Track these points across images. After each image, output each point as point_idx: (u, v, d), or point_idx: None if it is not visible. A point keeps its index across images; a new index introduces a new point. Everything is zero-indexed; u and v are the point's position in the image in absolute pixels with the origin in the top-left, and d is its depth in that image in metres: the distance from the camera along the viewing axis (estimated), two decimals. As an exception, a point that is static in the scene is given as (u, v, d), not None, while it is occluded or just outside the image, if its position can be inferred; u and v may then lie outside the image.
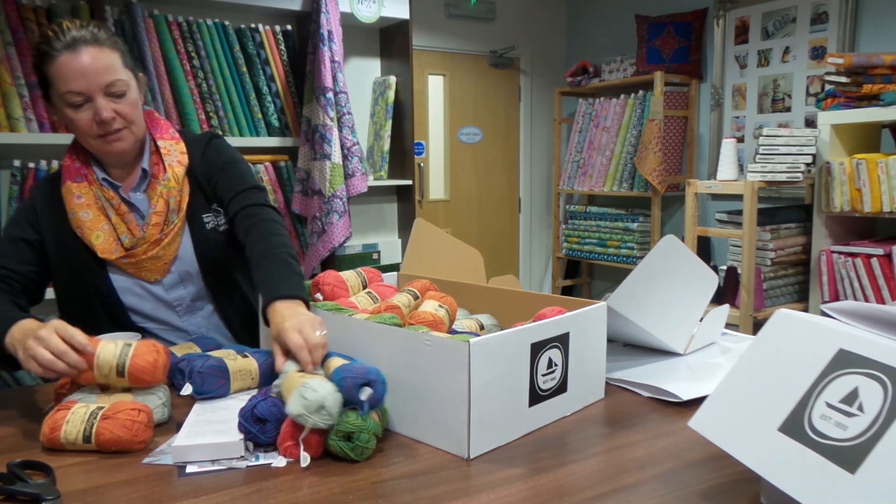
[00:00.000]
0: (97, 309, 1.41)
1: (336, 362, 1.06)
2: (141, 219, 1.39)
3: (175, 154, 1.42)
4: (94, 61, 1.25)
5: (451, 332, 1.26)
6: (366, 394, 0.98)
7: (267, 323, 1.20)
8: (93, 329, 1.17)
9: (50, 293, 1.45)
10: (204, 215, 1.44)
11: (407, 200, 3.53)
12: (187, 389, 1.20)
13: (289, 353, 1.10)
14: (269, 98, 3.03)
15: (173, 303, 1.45)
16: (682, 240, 3.44)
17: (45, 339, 1.06)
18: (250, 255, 1.32)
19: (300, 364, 1.07)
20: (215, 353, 1.28)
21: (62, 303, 1.45)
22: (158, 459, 1.00)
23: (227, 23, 2.93)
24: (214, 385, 1.20)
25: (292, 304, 1.18)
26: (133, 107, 1.33)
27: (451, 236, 1.74)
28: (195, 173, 1.44)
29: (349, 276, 1.40)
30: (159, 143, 1.42)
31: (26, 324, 1.15)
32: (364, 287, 1.41)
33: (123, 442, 1.00)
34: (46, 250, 1.38)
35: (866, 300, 2.83)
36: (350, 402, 0.98)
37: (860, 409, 0.72)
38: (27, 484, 0.89)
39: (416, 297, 1.33)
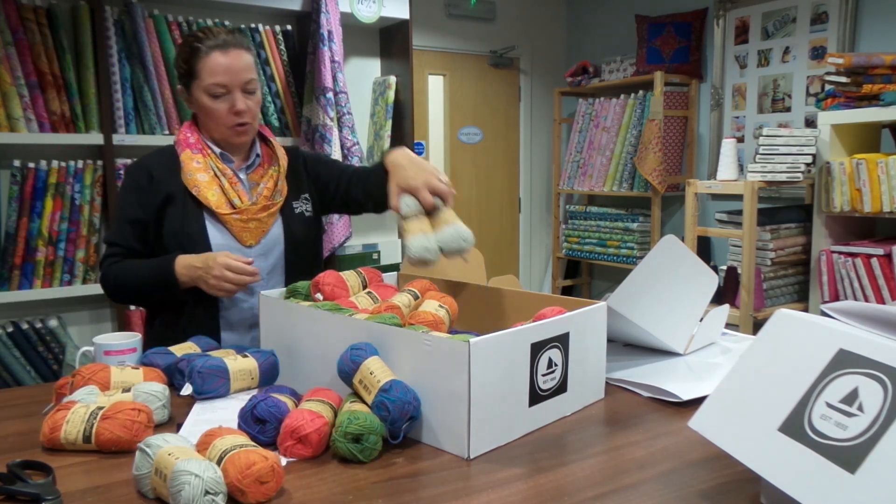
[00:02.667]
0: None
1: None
2: (247, 192, 1.60)
3: (281, 152, 1.69)
4: (238, 60, 1.52)
5: (452, 332, 1.27)
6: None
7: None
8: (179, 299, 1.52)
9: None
10: (294, 202, 1.67)
11: (407, 200, 3.53)
12: (187, 389, 1.20)
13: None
14: (269, 98, 3.03)
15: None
16: (682, 240, 3.44)
17: (218, 267, 1.42)
18: (363, 174, 1.69)
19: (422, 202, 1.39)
20: (215, 353, 1.28)
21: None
22: (158, 459, 0.99)
23: (227, 23, 2.93)
24: (214, 385, 1.21)
25: (403, 152, 1.55)
26: (258, 105, 1.60)
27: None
28: (295, 173, 1.70)
29: (349, 276, 1.40)
30: (269, 139, 1.69)
31: (184, 259, 1.47)
32: (364, 287, 1.41)
33: (123, 442, 1.00)
34: (156, 218, 1.56)
35: (866, 300, 2.83)
36: (391, 431, 1.01)
37: (860, 409, 0.72)
38: (27, 484, 0.89)
39: (416, 297, 1.33)
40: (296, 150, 1.77)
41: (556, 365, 1.11)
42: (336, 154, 2.97)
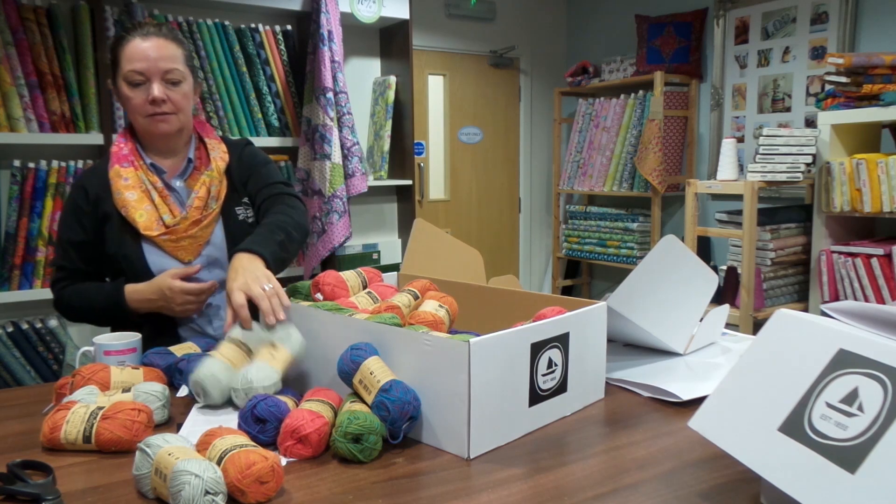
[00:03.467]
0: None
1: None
2: (180, 205, 1.53)
3: (218, 152, 1.59)
4: (160, 50, 1.45)
5: (452, 332, 1.26)
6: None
7: None
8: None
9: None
10: (236, 208, 1.59)
11: (407, 200, 3.53)
12: (184, 391, 1.20)
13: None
14: (269, 98, 3.03)
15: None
16: (682, 240, 3.44)
17: (179, 295, 1.42)
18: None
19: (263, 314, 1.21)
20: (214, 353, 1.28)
21: (103, 279, 1.59)
22: (158, 459, 0.99)
23: (227, 23, 2.93)
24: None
25: (250, 257, 1.31)
26: (184, 98, 1.50)
27: (450, 236, 1.74)
28: (232, 172, 1.60)
29: (349, 276, 1.40)
30: (205, 139, 1.60)
31: (136, 293, 1.46)
32: (364, 287, 1.41)
33: (123, 442, 1.00)
34: (96, 240, 1.52)
35: (866, 300, 2.83)
36: (391, 431, 1.01)
37: (860, 409, 0.72)
38: (27, 484, 0.89)
39: (416, 297, 1.33)
40: (239, 144, 1.66)
41: (556, 365, 1.11)
42: (336, 154, 2.97)
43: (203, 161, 1.58)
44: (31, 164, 2.54)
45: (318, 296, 1.34)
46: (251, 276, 1.25)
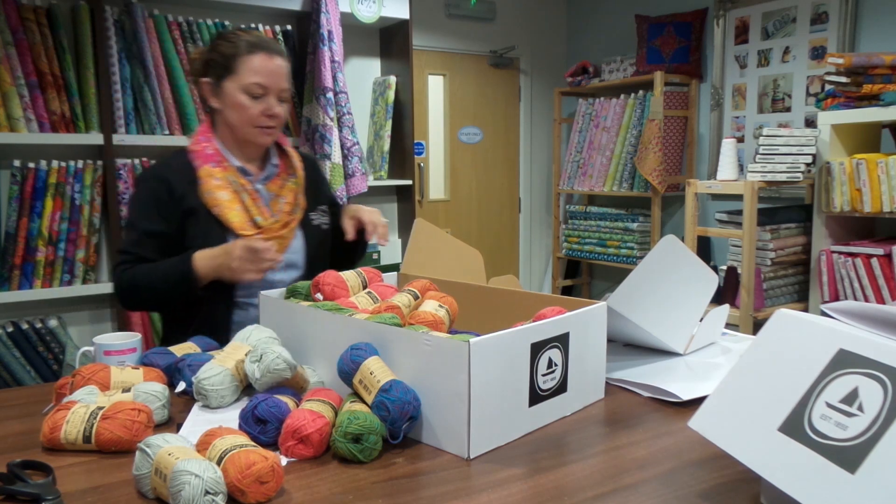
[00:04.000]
0: (214, 281, 1.52)
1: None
2: (266, 207, 1.61)
3: (297, 161, 1.71)
4: (282, 68, 1.58)
5: (452, 332, 1.26)
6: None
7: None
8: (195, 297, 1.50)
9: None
10: (311, 214, 1.70)
11: (407, 200, 3.53)
12: (181, 386, 1.20)
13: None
14: (269, 98, 3.02)
15: (275, 285, 1.58)
16: (682, 240, 3.44)
17: (240, 249, 1.41)
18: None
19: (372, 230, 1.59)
20: (215, 353, 1.28)
21: None
22: (158, 459, 0.99)
23: (227, 23, 2.93)
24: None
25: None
26: (286, 114, 1.63)
27: (451, 236, 1.74)
28: (308, 181, 1.71)
29: (349, 276, 1.40)
30: (286, 148, 1.72)
31: (203, 252, 1.47)
32: (364, 287, 1.41)
33: (123, 442, 1.00)
34: (178, 232, 1.55)
35: (866, 300, 2.83)
36: (391, 431, 1.01)
37: (860, 409, 0.72)
38: (27, 484, 0.89)
39: (416, 297, 1.33)
40: (311, 158, 1.79)
41: (556, 365, 1.11)
42: (336, 154, 2.97)
43: (283, 168, 1.68)
44: (31, 164, 2.54)
45: (318, 296, 1.34)
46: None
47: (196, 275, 1.47)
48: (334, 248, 1.75)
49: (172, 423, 1.13)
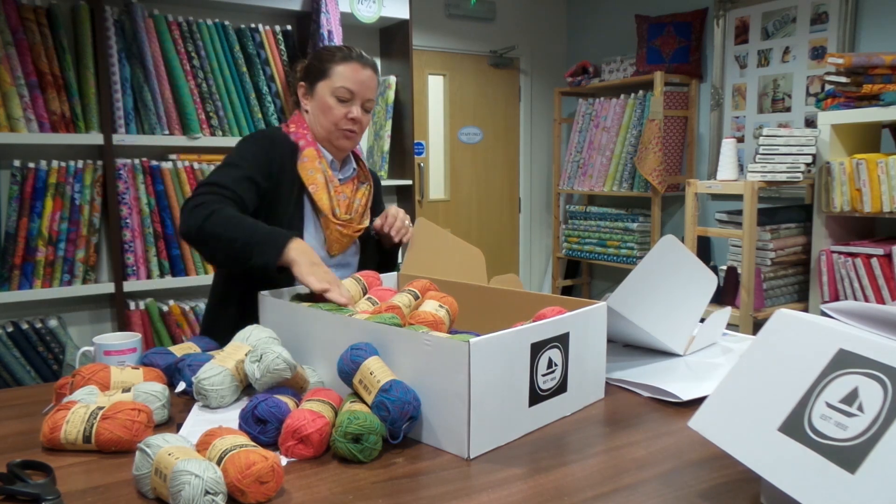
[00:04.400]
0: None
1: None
2: (344, 201, 1.69)
3: (367, 170, 1.82)
4: (371, 80, 1.68)
5: (452, 332, 1.26)
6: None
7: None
8: (248, 272, 1.47)
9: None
10: (368, 225, 1.78)
11: (407, 200, 3.53)
12: (181, 386, 1.20)
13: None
14: (269, 98, 3.03)
15: None
16: (682, 240, 3.44)
17: (330, 275, 1.37)
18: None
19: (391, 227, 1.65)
20: (215, 353, 1.28)
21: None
22: (158, 459, 0.99)
23: (227, 23, 2.93)
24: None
25: None
26: (367, 125, 1.73)
27: (452, 235, 1.74)
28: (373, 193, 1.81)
29: (349, 283, 1.40)
30: (360, 158, 1.83)
31: (305, 244, 1.41)
32: (364, 293, 1.41)
33: (123, 442, 1.00)
34: (267, 192, 1.59)
35: (866, 300, 2.83)
36: (391, 431, 1.01)
37: (860, 409, 0.72)
38: (27, 484, 0.89)
39: (416, 297, 1.33)
40: (375, 174, 1.90)
41: (556, 365, 1.11)
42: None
43: (359, 173, 1.79)
44: (31, 164, 2.54)
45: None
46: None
47: (281, 250, 1.36)
48: (378, 252, 1.83)
49: (172, 423, 1.13)
